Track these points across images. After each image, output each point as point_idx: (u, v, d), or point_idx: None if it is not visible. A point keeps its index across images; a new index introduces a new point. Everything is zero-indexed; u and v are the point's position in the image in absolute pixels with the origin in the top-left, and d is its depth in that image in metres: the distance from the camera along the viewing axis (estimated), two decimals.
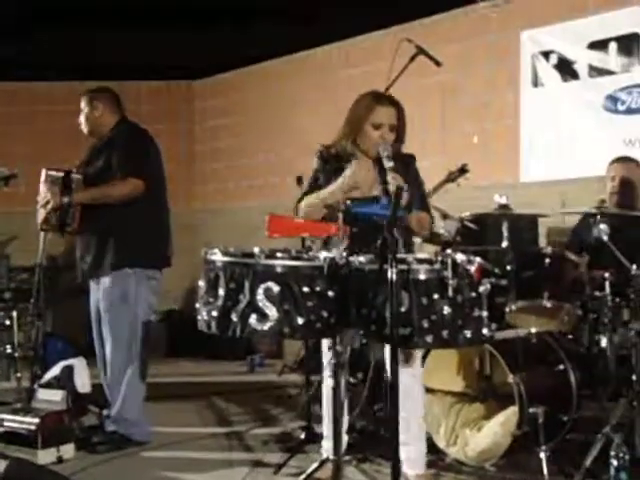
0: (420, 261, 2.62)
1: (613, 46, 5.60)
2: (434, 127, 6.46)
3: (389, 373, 2.49)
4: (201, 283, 2.72)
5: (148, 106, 7.89)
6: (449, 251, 2.55)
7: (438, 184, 4.78)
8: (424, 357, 3.94)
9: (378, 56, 6.13)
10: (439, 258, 2.60)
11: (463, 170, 4.84)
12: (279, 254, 2.69)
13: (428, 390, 3.83)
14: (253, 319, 2.55)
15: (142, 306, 4.23)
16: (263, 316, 2.54)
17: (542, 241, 5.33)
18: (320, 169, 3.52)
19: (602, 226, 3.64)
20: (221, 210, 8.40)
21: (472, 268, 2.56)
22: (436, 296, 2.56)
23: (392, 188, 2.95)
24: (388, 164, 3.20)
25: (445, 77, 6.05)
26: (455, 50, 6.19)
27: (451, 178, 4.83)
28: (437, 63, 4.14)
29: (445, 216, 4.56)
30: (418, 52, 4.08)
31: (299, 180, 4.22)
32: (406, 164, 3.46)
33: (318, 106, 7.39)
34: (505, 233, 3.02)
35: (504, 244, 3.05)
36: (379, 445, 3.92)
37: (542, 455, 3.49)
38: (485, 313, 2.85)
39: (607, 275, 3.74)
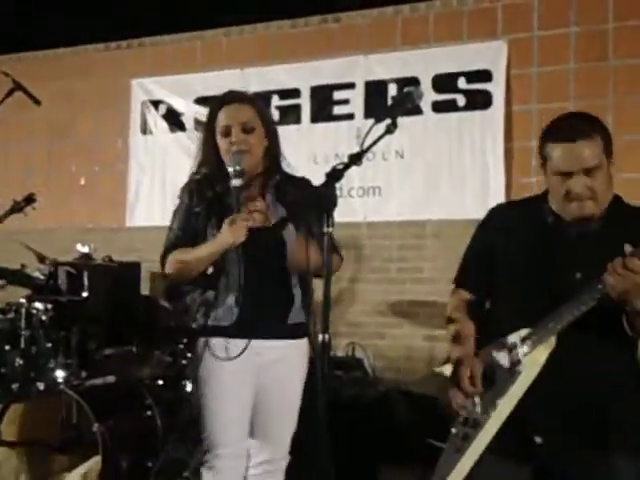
0: None
1: None
2: (40, 165, 6.27)
3: None
4: None
5: None
6: (23, 300, 2.47)
7: (4, 214, 4.57)
8: (4, 409, 3.75)
9: None
10: (13, 307, 2.50)
11: (29, 199, 4.68)
12: None
13: (7, 443, 3.62)
14: None
15: None
16: None
17: (145, 287, 5.38)
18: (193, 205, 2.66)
19: None
20: None
21: None
22: (7, 347, 2.46)
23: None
24: (234, 182, 2.47)
25: (53, 115, 5.93)
26: (63, 89, 6.09)
27: (17, 207, 4.64)
28: (36, 102, 4.02)
29: (42, 259, 4.39)
30: (15, 87, 3.92)
31: None
32: (298, 187, 2.67)
33: None
34: (86, 282, 3.02)
35: (84, 294, 3.05)
36: None
37: None
38: (70, 361, 2.79)
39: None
